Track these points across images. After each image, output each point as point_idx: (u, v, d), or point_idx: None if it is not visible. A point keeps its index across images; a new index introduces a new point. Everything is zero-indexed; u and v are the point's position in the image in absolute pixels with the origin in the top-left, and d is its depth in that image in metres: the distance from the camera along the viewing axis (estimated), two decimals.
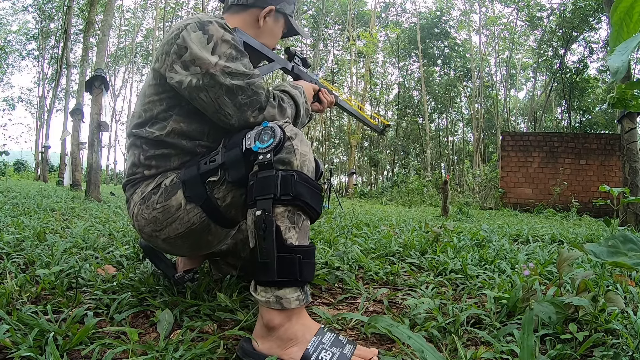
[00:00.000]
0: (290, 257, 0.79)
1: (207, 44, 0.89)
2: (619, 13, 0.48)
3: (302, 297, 0.80)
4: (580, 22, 17.13)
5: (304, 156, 0.85)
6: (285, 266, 0.79)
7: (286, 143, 0.83)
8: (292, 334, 0.79)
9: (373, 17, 22.44)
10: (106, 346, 0.80)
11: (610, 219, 1.46)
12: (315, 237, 2.23)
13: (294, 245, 0.80)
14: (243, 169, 0.87)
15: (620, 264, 0.50)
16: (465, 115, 28.96)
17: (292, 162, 0.83)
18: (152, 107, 0.99)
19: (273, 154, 0.82)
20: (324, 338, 0.79)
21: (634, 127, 4.31)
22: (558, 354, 0.79)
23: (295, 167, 0.83)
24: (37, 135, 23.13)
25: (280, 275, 0.79)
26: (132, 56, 26.89)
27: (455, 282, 1.41)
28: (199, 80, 0.89)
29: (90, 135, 5.27)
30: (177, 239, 0.97)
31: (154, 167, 0.99)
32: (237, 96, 0.90)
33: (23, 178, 17.57)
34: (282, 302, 0.78)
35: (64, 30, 11.93)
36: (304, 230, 0.83)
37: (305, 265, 0.80)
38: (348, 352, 0.77)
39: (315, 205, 0.85)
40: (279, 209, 0.80)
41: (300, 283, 0.80)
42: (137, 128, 1.01)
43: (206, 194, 0.92)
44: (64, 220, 2.63)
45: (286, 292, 0.79)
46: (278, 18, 1.12)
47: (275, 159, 0.82)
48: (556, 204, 7.97)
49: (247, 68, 0.92)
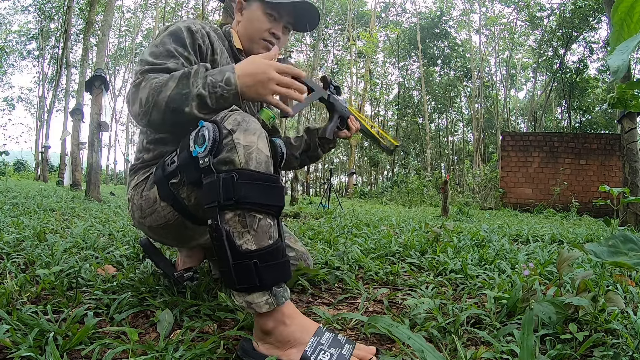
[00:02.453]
0: (246, 264, 0.75)
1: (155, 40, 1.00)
2: (619, 13, 0.48)
3: (271, 300, 0.77)
4: (580, 22, 17.12)
5: (248, 148, 0.77)
6: (243, 274, 0.76)
7: (225, 140, 0.77)
8: (288, 335, 0.78)
9: (373, 17, 22.44)
10: (106, 346, 0.80)
11: (610, 219, 1.46)
12: (315, 237, 2.23)
13: (249, 250, 0.76)
14: (195, 172, 0.84)
15: (621, 264, 0.50)
16: (465, 115, 28.97)
17: (234, 161, 0.76)
18: None
19: (211, 157, 0.77)
20: (322, 339, 0.78)
21: (634, 127, 4.31)
22: (558, 354, 0.79)
23: (238, 164, 0.76)
24: (37, 135, 23.15)
25: (240, 282, 0.76)
26: (132, 56, 26.89)
27: (455, 282, 1.41)
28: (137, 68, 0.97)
29: (90, 135, 5.27)
30: (159, 229, 1.01)
31: (152, 150, 1.05)
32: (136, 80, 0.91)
33: (23, 178, 17.58)
34: (253, 307, 0.76)
35: (64, 30, 11.93)
36: (263, 231, 0.78)
37: (265, 269, 0.76)
38: (347, 353, 0.76)
39: (267, 200, 0.78)
40: (228, 214, 0.76)
41: (262, 288, 0.76)
42: None
43: (173, 194, 0.93)
44: (64, 220, 2.63)
45: (254, 297, 0.76)
46: (250, 4, 1.11)
47: (216, 161, 0.77)
48: (556, 204, 7.97)
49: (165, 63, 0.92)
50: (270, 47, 1.11)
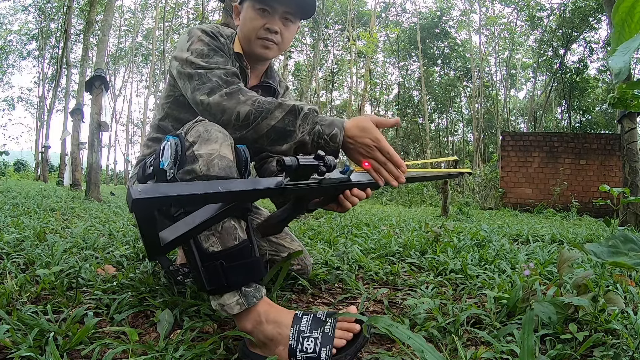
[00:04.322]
0: (213, 265, 0.78)
1: (186, 43, 1.04)
2: (620, 13, 0.48)
3: (241, 300, 0.79)
4: (580, 22, 17.11)
5: (210, 156, 0.80)
6: (211, 275, 0.79)
7: (187, 152, 0.81)
8: (268, 334, 0.79)
9: (373, 17, 22.42)
10: (106, 346, 0.80)
11: (610, 219, 1.46)
12: (316, 237, 2.23)
13: (215, 252, 0.79)
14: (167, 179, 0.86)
15: (621, 264, 0.50)
16: (465, 115, 28.96)
17: (195, 170, 0.80)
18: (161, 96, 1.20)
19: (175, 169, 0.82)
20: (301, 325, 0.79)
21: (634, 127, 4.31)
22: (558, 354, 0.79)
23: (199, 172, 0.79)
24: (37, 135, 23.15)
25: (210, 284, 0.79)
26: (132, 56, 26.89)
27: (455, 282, 1.41)
28: (178, 71, 1.03)
29: (90, 135, 5.27)
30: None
31: (149, 147, 1.17)
32: (194, 81, 0.98)
33: (23, 178, 17.57)
34: (226, 309, 0.79)
35: (64, 30, 11.93)
36: (227, 232, 0.80)
37: (232, 270, 0.79)
38: (329, 330, 0.77)
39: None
40: None
41: (231, 288, 0.79)
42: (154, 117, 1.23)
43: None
44: (64, 220, 2.63)
45: (225, 298, 0.79)
46: (243, 5, 1.12)
47: (181, 173, 0.81)
48: (556, 204, 7.96)
49: (208, 63, 0.99)
50: (268, 45, 1.09)
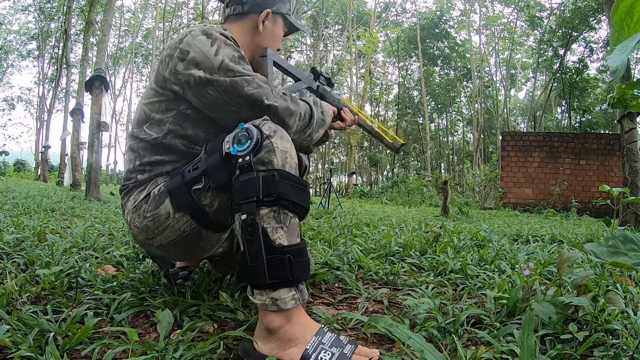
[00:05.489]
0: (280, 259, 0.78)
1: (211, 47, 0.93)
2: (619, 13, 0.48)
3: (297, 296, 0.80)
4: (580, 22, 17.12)
5: (284, 153, 0.83)
6: (276, 268, 0.78)
7: (265, 142, 0.82)
8: (291, 334, 0.79)
9: (373, 17, 22.43)
10: (106, 346, 0.80)
11: (610, 219, 1.46)
12: (316, 237, 2.23)
13: (283, 245, 0.79)
14: (225, 174, 0.86)
15: (620, 264, 0.50)
16: (465, 115, 28.97)
17: (272, 161, 0.81)
18: (151, 108, 1.01)
19: (252, 155, 0.81)
20: (324, 338, 0.79)
21: (634, 127, 4.31)
22: (558, 354, 0.79)
23: (276, 165, 0.81)
24: (37, 135, 23.17)
25: (272, 277, 0.78)
26: (132, 56, 26.88)
27: (455, 282, 1.41)
28: (205, 76, 0.91)
29: (90, 135, 5.27)
30: (170, 246, 0.98)
31: (147, 171, 1.02)
32: (244, 87, 0.92)
33: (23, 178, 17.57)
34: (279, 304, 0.78)
35: (64, 30, 11.93)
36: (293, 229, 0.82)
37: (297, 265, 0.79)
38: (348, 352, 0.76)
39: (301, 202, 0.83)
40: (263, 210, 0.80)
41: (293, 283, 0.79)
42: (137, 128, 1.02)
43: (193, 202, 0.92)
44: (64, 220, 2.63)
45: (281, 293, 0.79)
46: (276, 19, 1.12)
47: (255, 160, 0.81)
48: (556, 204, 7.96)
49: (248, 69, 0.95)
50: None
